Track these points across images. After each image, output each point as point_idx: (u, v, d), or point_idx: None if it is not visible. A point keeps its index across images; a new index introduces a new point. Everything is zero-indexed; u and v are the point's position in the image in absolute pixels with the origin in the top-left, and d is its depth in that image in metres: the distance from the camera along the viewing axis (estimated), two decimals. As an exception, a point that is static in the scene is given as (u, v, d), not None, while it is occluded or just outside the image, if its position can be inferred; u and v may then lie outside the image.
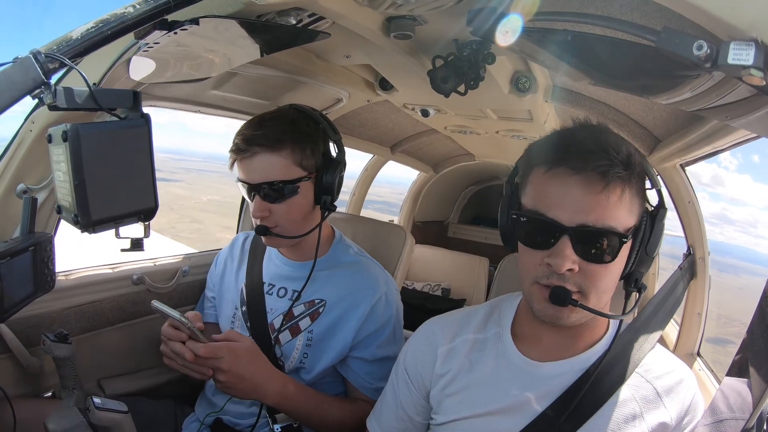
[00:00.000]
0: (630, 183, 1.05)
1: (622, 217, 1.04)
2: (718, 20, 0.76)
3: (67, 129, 0.91)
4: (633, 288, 1.13)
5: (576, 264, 1.04)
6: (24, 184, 1.48)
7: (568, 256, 1.03)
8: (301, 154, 1.57)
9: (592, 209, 1.02)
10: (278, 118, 1.60)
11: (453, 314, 1.40)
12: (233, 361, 1.39)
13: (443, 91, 1.70)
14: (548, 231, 1.06)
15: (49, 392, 1.73)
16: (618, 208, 1.04)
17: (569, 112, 2.30)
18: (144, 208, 1.06)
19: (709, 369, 2.19)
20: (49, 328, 1.68)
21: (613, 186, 1.02)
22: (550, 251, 1.05)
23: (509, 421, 1.16)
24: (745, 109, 1.12)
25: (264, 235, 1.61)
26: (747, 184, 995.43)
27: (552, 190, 1.07)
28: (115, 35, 0.97)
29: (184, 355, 1.34)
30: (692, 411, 1.13)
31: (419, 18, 1.48)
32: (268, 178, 1.55)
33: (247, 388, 1.43)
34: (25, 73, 0.88)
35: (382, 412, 1.40)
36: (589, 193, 1.03)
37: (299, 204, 1.60)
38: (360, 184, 4.44)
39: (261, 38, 1.38)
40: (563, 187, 1.05)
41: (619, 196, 1.03)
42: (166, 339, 1.38)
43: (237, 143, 1.56)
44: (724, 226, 55.27)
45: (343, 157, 1.68)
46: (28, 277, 1.29)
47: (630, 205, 1.06)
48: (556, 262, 1.04)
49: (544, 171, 1.09)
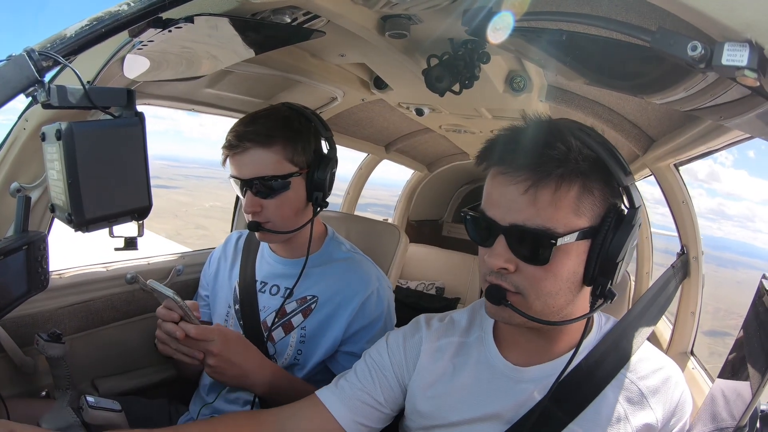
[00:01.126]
0: (570, 180, 0.99)
1: (561, 217, 0.99)
2: (713, 21, 0.76)
3: (60, 127, 0.91)
4: (597, 296, 1.05)
5: (511, 264, 1.02)
6: (17, 183, 1.47)
7: (500, 254, 1.02)
8: (292, 150, 1.59)
9: (523, 209, 1.00)
10: (270, 115, 1.62)
11: (440, 315, 1.39)
12: (224, 345, 1.41)
13: (438, 90, 1.70)
14: (487, 229, 1.05)
15: (43, 392, 1.72)
16: (554, 207, 0.99)
17: (563, 111, 2.31)
18: (138, 207, 1.06)
19: (703, 368, 2.21)
20: (43, 327, 1.68)
21: (545, 184, 0.98)
22: (489, 250, 1.05)
23: (490, 428, 1.16)
24: (739, 109, 1.12)
25: (256, 231, 1.63)
26: (743, 179, 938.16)
27: (490, 189, 1.07)
28: (109, 33, 0.97)
29: (176, 334, 1.36)
30: (680, 411, 1.11)
31: (414, 17, 1.48)
32: (260, 173, 1.56)
33: (237, 374, 1.44)
34: (19, 71, 0.88)
35: (345, 388, 1.31)
36: (519, 192, 1.00)
37: (291, 200, 1.61)
38: (354, 183, 4.43)
39: (255, 36, 1.38)
40: (499, 185, 1.04)
41: (552, 194, 0.98)
42: (161, 321, 1.40)
43: (229, 139, 1.58)
44: (721, 221, 55.28)
45: (334, 154, 1.70)
46: (21, 276, 1.29)
47: (575, 204, 1.00)
48: (490, 260, 1.04)
49: (484, 169, 1.09)
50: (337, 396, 1.28)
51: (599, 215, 1.02)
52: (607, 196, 1.04)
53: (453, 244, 5.49)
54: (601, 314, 1.26)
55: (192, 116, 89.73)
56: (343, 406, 1.26)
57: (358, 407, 1.27)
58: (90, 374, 1.91)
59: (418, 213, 5.54)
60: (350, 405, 1.26)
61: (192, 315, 1.40)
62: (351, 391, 1.28)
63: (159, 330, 1.41)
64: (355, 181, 4.42)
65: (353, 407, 1.26)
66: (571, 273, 1.03)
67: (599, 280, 1.03)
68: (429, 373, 1.26)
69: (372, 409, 1.28)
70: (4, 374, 1.63)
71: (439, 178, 5.26)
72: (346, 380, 1.32)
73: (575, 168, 0.99)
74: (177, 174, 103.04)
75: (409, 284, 4.56)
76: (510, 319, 1.08)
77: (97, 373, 1.94)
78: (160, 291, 1.36)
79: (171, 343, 1.39)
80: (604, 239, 1.01)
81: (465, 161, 4.73)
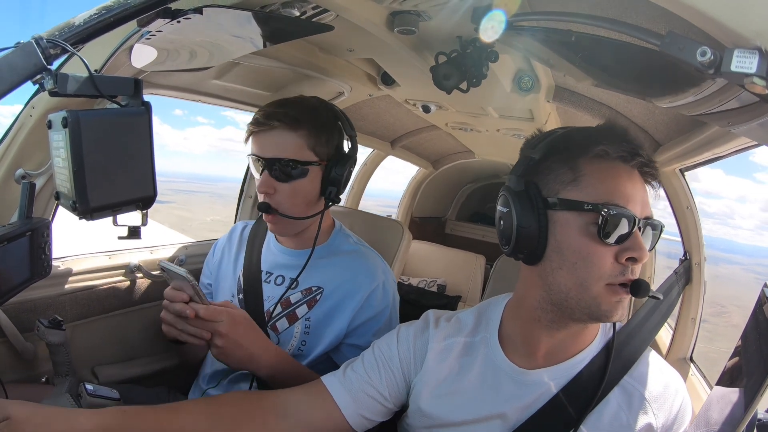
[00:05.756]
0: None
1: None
2: (723, 27, 0.76)
3: (67, 115, 0.91)
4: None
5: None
6: (23, 169, 1.47)
7: (643, 248, 1.03)
8: (315, 139, 1.60)
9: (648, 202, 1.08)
10: (301, 102, 1.65)
11: (447, 315, 1.38)
12: (231, 326, 1.41)
13: (445, 87, 1.70)
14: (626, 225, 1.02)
15: (43, 378, 1.73)
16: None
17: (570, 112, 2.30)
18: (143, 196, 1.05)
19: (702, 375, 2.20)
20: (45, 313, 1.68)
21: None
22: (627, 243, 1.02)
23: (494, 429, 1.15)
24: (747, 116, 1.11)
25: (266, 212, 1.63)
26: (719, 178, 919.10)
27: (622, 183, 1.05)
28: (117, 22, 0.97)
29: (185, 313, 1.36)
30: (680, 418, 1.11)
31: (423, 14, 1.47)
32: (281, 155, 1.57)
33: (243, 356, 1.44)
34: (27, 58, 0.88)
35: (351, 379, 1.29)
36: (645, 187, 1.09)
37: (305, 189, 1.62)
38: (359, 178, 4.43)
39: (264, 29, 1.38)
40: (629, 180, 1.06)
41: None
42: (168, 302, 1.40)
43: (257, 117, 1.60)
44: (703, 219, 56.57)
45: (354, 153, 1.72)
46: (24, 262, 1.29)
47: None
48: (641, 254, 1.01)
49: (601, 162, 1.06)
50: (344, 386, 1.28)
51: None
52: None
53: (456, 242, 5.49)
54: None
55: (176, 129, 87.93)
56: (349, 398, 1.26)
57: (363, 400, 1.26)
58: (90, 362, 1.92)
59: (422, 210, 5.54)
60: (356, 397, 1.26)
61: (202, 294, 1.40)
62: (358, 383, 1.27)
63: (165, 312, 1.41)
64: (359, 176, 4.42)
65: (358, 399, 1.26)
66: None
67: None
68: (435, 373, 1.25)
69: (376, 403, 1.27)
70: (5, 360, 1.64)
71: (444, 176, 5.26)
72: (353, 370, 1.31)
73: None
74: (167, 189, 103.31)
75: (411, 281, 4.56)
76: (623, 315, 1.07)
77: (97, 360, 1.94)
78: (172, 270, 1.37)
79: (177, 323, 1.39)
80: None
81: (471, 159, 4.72)
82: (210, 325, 1.39)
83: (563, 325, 1.11)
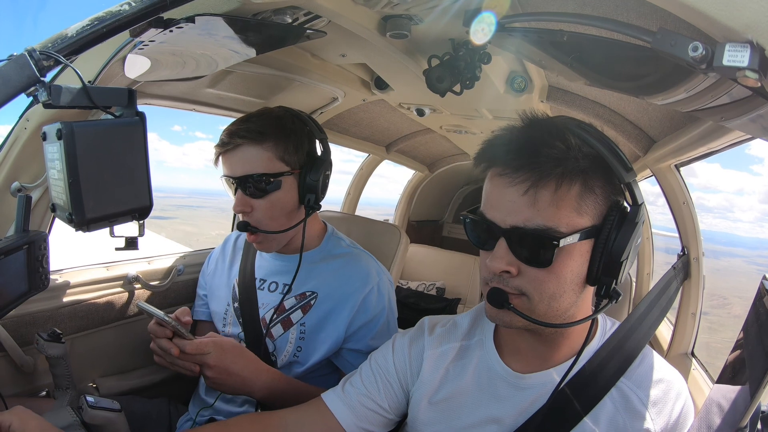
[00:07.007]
0: (571, 179, 0.97)
1: (562, 217, 0.97)
2: (714, 21, 0.76)
3: (61, 127, 0.91)
4: (602, 296, 1.02)
5: (513, 266, 1.00)
6: (18, 182, 1.47)
7: (501, 258, 1.00)
8: (284, 148, 1.59)
9: (523, 210, 0.98)
10: (263, 115, 1.63)
11: (444, 320, 1.37)
12: (220, 356, 1.41)
13: (439, 90, 1.70)
14: (488, 232, 1.03)
15: (43, 391, 1.72)
16: (555, 207, 0.96)
17: (564, 112, 2.30)
18: (139, 207, 1.05)
19: (704, 369, 2.20)
20: (44, 326, 1.68)
21: (544, 184, 0.96)
22: (491, 253, 1.02)
23: None
24: (740, 110, 1.12)
25: (245, 230, 1.62)
26: (717, 172, 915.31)
27: (490, 191, 1.04)
28: (110, 33, 0.97)
29: (171, 351, 1.37)
30: (681, 423, 1.08)
31: (415, 17, 1.48)
32: (251, 171, 1.56)
33: (235, 383, 1.44)
34: (20, 70, 0.88)
35: (350, 393, 1.30)
36: (519, 193, 0.97)
37: (281, 200, 1.61)
38: (355, 183, 4.44)
39: (256, 37, 1.38)
40: (498, 187, 1.02)
41: (553, 194, 0.96)
42: (154, 336, 1.41)
43: (222, 138, 1.59)
44: (702, 214, 55.90)
45: (328, 156, 1.69)
46: (22, 276, 1.28)
47: (577, 203, 0.97)
48: (492, 263, 1.01)
49: (482, 171, 1.07)
50: (344, 401, 1.28)
51: (601, 213, 1.00)
52: (608, 193, 1.01)
53: (453, 244, 5.49)
54: (606, 318, 1.25)
55: (175, 145, 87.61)
56: (349, 412, 1.26)
57: (363, 413, 1.27)
58: (90, 374, 1.91)
59: (419, 213, 5.54)
60: (356, 411, 1.26)
61: (184, 331, 1.39)
62: (357, 397, 1.28)
63: (154, 343, 1.41)
64: (355, 181, 4.42)
65: (359, 413, 1.26)
66: (574, 274, 1.01)
67: (603, 280, 1.01)
68: (431, 381, 1.25)
69: (377, 415, 1.28)
70: (5, 374, 1.63)
71: (439, 179, 5.26)
72: (351, 385, 1.31)
73: (575, 166, 0.97)
74: (168, 204, 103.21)
75: (410, 285, 4.56)
76: (511, 323, 1.05)
77: (97, 372, 1.94)
78: (150, 311, 1.37)
79: (166, 357, 1.40)
80: (608, 238, 0.98)
81: (466, 162, 4.73)
82: (197, 358, 1.40)
83: (542, 328, 1.08)
